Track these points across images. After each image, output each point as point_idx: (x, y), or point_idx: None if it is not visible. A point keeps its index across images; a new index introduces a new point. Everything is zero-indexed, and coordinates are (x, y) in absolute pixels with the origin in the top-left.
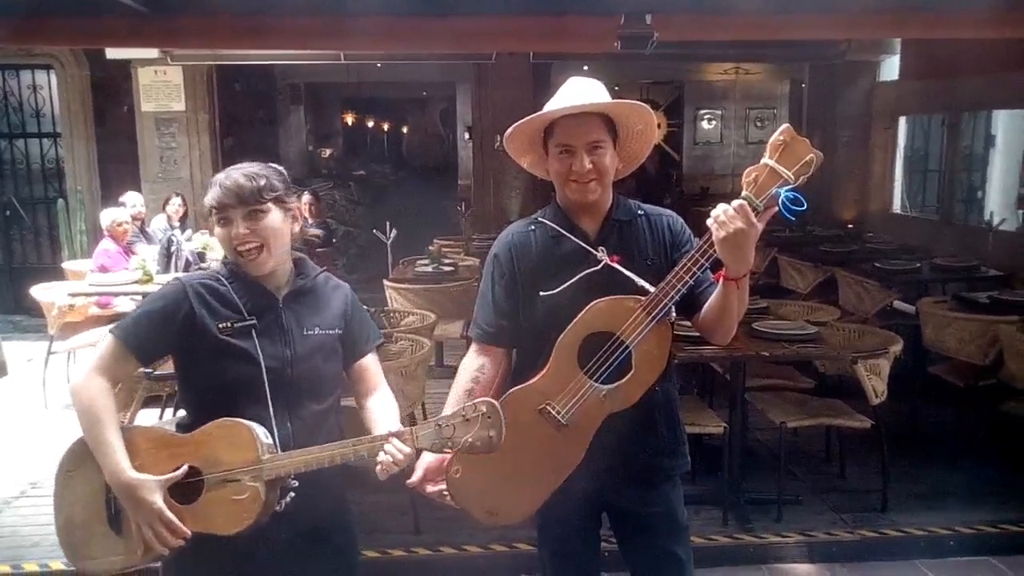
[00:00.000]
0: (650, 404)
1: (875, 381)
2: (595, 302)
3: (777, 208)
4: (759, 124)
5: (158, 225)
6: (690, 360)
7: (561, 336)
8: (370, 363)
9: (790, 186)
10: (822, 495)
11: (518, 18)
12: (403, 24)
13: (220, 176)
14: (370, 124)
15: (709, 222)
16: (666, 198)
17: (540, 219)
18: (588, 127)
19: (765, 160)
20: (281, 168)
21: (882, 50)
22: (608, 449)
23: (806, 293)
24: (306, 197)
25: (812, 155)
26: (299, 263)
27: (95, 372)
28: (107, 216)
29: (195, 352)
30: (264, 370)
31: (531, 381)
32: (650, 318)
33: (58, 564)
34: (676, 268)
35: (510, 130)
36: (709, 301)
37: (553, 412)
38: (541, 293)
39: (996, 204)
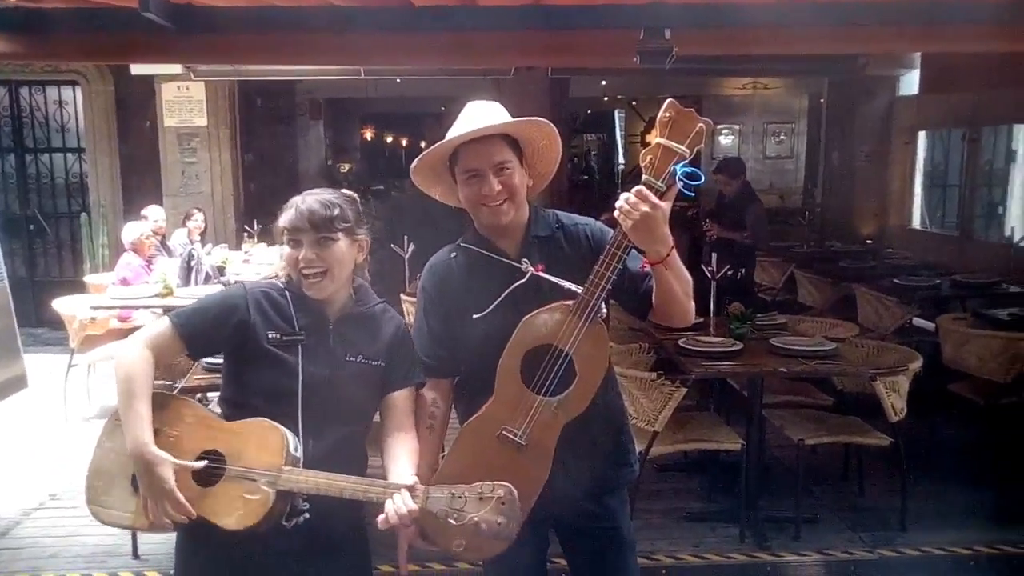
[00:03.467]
0: (589, 414)
1: (894, 398)
2: (525, 318)
3: (677, 185)
4: (778, 139)
5: (178, 240)
6: (707, 376)
7: (501, 359)
8: (399, 400)
9: (686, 160)
10: (840, 513)
11: (536, 32)
12: (421, 39)
13: (297, 199)
14: (388, 139)
15: (615, 213)
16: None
17: (461, 244)
18: (492, 149)
19: (657, 139)
20: (355, 196)
21: (901, 64)
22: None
23: (823, 309)
24: None
25: (701, 124)
26: (359, 290)
27: (143, 345)
28: (132, 230)
29: (243, 355)
30: (300, 385)
31: (481, 410)
32: (582, 321)
33: (76, 575)
34: (596, 266)
35: (415, 163)
36: (654, 291)
37: (510, 435)
38: (474, 316)
39: (1017, 220)
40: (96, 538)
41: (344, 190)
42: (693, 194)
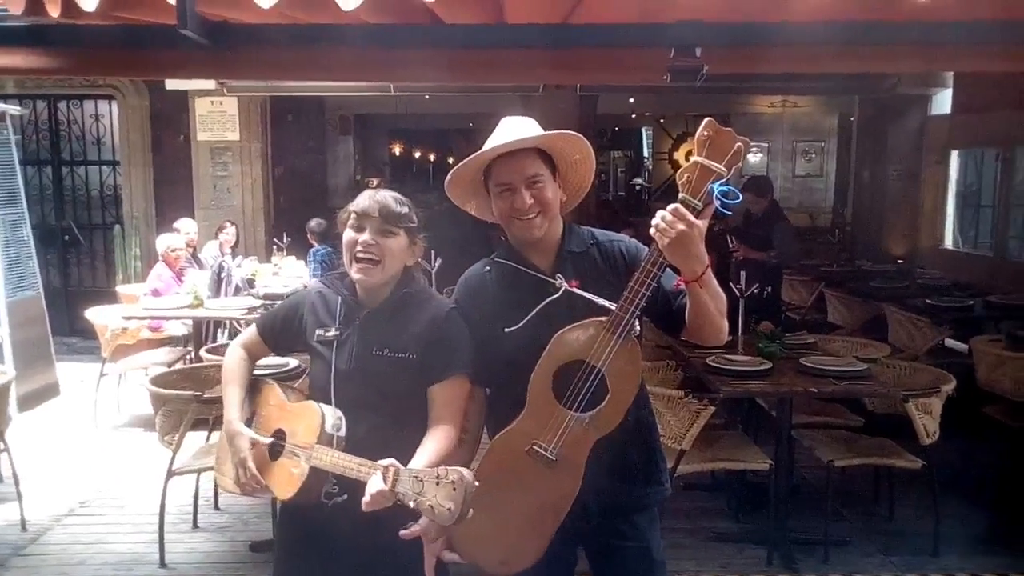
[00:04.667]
0: (620, 431)
1: (927, 420)
2: (558, 334)
3: (714, 204)
4: (807, 158)
5: (210, 252)
6: (735, 395)
7: (533, 373)
8: (437, 393)
9: (724, 179)
10: (871, 537)
11: (566, 50)
12: (450, 56)
13: (370, 191)
14: (417, 154)
15: (651, 231)
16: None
17: (495, 259)
18: (524, 163)
19: (695, 158)
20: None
21: (933, 84)
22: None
23: (853, 329)
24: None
25: (739, 144)
26: (400, 282)
27: (239, 344)
28: (163, 242)
29: (307, 350)
30: (332, 379)
31: (513, 424)
32: (615, 337)
33: None
34: (631, 283)
35: (449, 177)
36: (687, 309)
37: (540, 450)
38: (505, 330)
39: None
40: (124, 546)
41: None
42: (731, 213)
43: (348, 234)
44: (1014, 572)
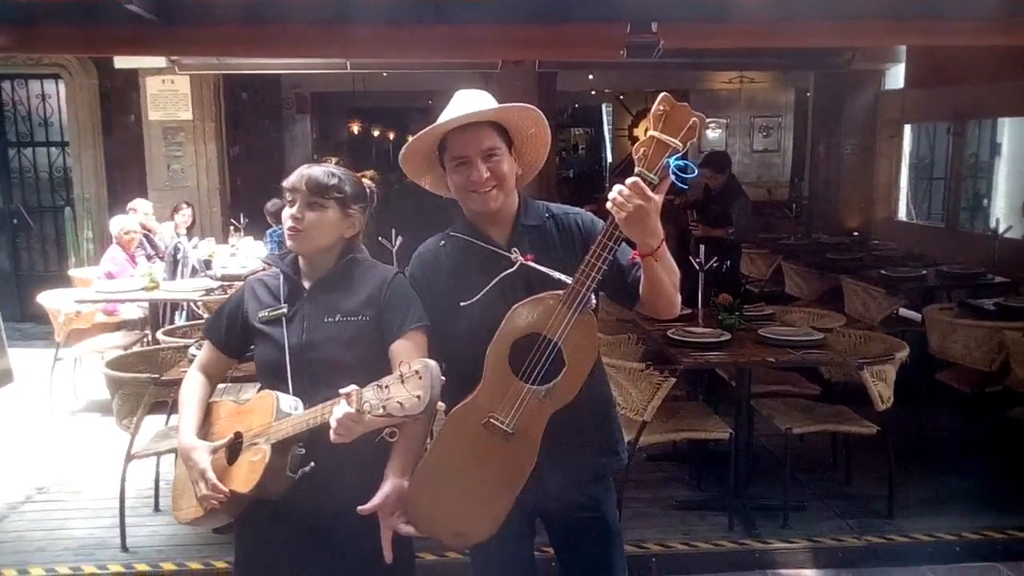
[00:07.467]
0: (575, 403)
1: (881, 387)
2: (515, 306)
3: (670, 178)
4: (765, 133)
5: (165, 233)
6: (696, 367)
7: (490, 346)
8: (396, 349)
9: (679, 154)
10: (828, 501)
11: (523, 26)
12: (408, 32)
13: (303, 167)
14: (376, 133)
15: (608, 205)
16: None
17: (450, 233)
18: (480, 136)
19: (650, 132)
20: (362, 182)
21: (887, 58)
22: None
23: (810, 300)
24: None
25: (694, 119)
26: (343, 252)
27: (193, 368)
28: (116, 224)
29: (254, 338)
30: (287, 355)
31: (469, 397)
32: (572, 311)
33: (64, 568)
34: (587, 256)
35: (403, 150)
36: (641, 282)
37: (497, 423)
38: (461, 304)
39: (1002, 211)
40: (84, 531)
41: (354, 175)
42: (687, 187)
43: (285, 210)
44: (967, 531)
